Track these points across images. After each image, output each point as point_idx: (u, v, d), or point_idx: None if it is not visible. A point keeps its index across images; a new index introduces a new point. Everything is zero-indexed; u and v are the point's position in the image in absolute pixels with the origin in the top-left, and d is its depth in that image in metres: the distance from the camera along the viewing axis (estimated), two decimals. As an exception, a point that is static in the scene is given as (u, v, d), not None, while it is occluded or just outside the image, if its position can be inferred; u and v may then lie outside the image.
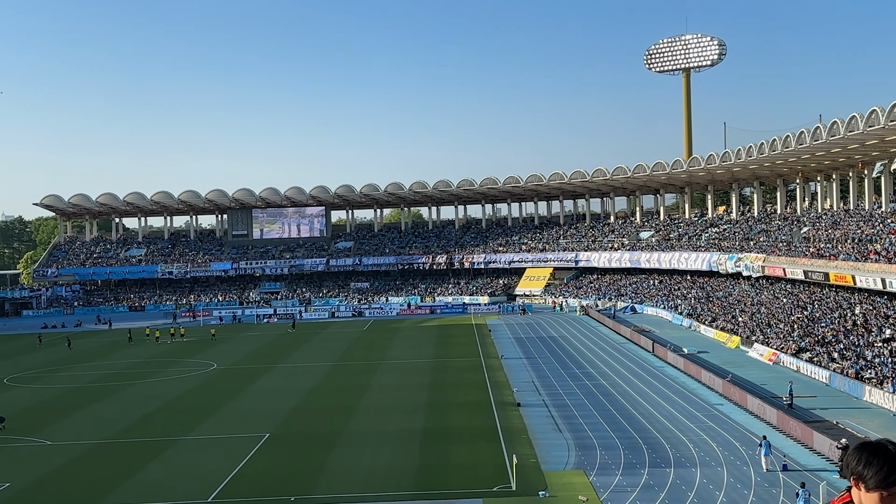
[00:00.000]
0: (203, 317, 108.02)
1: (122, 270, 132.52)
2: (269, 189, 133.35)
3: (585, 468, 34.09)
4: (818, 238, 77.59)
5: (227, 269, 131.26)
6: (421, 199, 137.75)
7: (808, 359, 54.10)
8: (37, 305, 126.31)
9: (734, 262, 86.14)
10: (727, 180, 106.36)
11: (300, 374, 61.50)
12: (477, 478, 33.28)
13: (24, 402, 54.03)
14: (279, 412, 47.51)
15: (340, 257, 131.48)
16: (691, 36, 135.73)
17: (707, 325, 75.81)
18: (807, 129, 73.06)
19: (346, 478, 33.97)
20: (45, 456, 39.63)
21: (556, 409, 46.00)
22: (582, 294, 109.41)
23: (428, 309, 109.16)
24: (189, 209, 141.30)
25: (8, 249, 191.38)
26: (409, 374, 59.68)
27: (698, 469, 33.46)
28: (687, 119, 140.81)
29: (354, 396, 51.54)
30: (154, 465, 37.17)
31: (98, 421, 47.12)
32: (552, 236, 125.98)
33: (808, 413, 42.15)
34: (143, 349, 79.01)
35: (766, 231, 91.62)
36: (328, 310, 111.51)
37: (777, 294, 75.72)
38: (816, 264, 69.50)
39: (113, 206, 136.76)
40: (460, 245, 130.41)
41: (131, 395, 55.55)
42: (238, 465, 36.45)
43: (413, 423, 43.50)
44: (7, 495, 33.27)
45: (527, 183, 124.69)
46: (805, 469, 32.90)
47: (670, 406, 45.87)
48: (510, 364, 62.38)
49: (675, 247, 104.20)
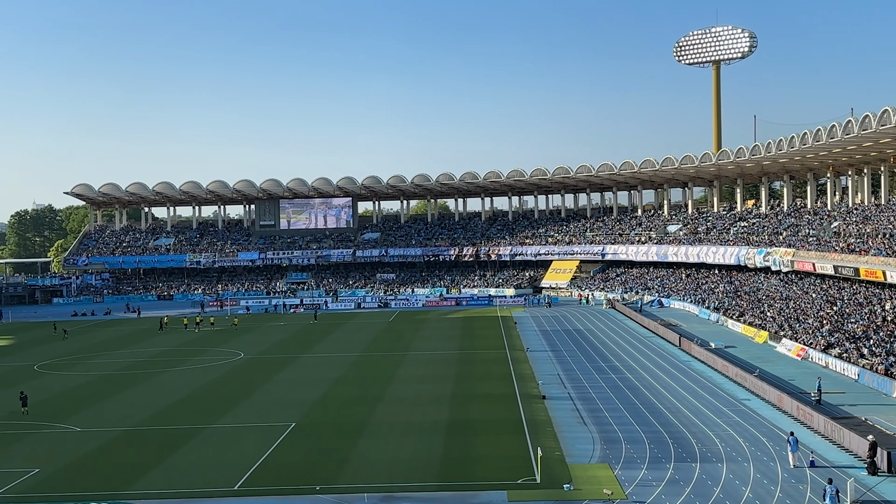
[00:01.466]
0: (230, 306, 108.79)
1: (151, 259, 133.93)
2: (296, 180, 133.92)
3: (610, 462, 34.00)
4: (848, 233, 76.76)
5: (254, 259, 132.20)
6: (447, 190, 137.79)
7: (838, 355, 53.56)
8: (67, 293, 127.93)
9: (763, 257, 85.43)
10: (756, 174, 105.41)
11: (326, 364, 61.77)
12: (501, 470, 33.28)
13: (53, 389, 54.71)
14: (305, 402, 47.77)
15: (367, 248, 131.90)
16: (722, 28, 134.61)
17: (735, 319, 75.26)
18: (838, 122, 72.22)
19: (371, 468, 34.09)
20: (74, 443, 40.10)
21: (581, 402, 45.91)
22: (608, 287, 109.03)
23: (454, 301, 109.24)
24: (217, 199, 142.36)
25: (39, 238, 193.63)
26: (434, 365, 59.77)
27: (724, 464, 33.26)
28: (716, 112, 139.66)
29: (380, 387, 51.71)
30: (181, 453, 37.51)
31: (126, 408, 47.61)
32: (579, 229, 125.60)
33: (836, 409, 41.79)
34: (172, 337, 79.70)
35: (795, 225, 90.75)
36: (354, 300, 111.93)
37: (806, 289, 75.00)
38: (847, 259, 68.77)
39: (142, 195, 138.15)
40: (486, 237, 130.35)
41: (159, 382, 56.09)
42: (264, 453, 36.70)
43: (438, 414, 43.56)
44: (36, 481, 33.72)
45: (554, 175, 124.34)
46: (833, 465, 32.60)
47: (696, 400, 45.62)
48: (535, 356, 62.30)
49: (703, 240, 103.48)
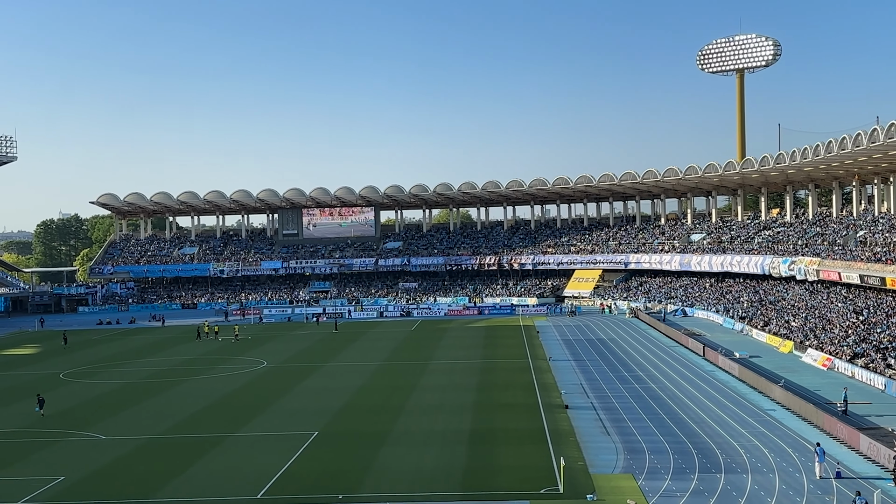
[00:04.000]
0: (254, 315, 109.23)
1: (176, 268, 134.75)
2: (319, 189, 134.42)
3: (634, 472, 33.84)
4: (874, 242, 76.07)
5: (277, 268, 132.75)
6: (470, 199, 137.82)
7: (864, 364, 53.04)
8: (92, 302, 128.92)
9: (788, 266, 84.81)
10: (781, 182, 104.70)
11: (349, 373, 61.87)
12: (524, 480, 33.20)
13: (79, 397, 55.16)
14: (328, 410, 47.88)
15: (389, 257, 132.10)
16: (746, 36, 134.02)
17: (759, 329, 74.71)
18: (863, 130, 71.65)
19: (394, 477, 34.12)
20: (99, 451, 40.39)
21: (604, 412, 45.72)
22: (631, 296, 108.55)
23: (476, 310, 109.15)
24: (241, 208, 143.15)
25: (65, 247, 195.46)
26: (456, 374, 59.73)
27: (749, 475, 33.01)
28: (740, 120, 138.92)
29: (402, 396, 51.74)
30: (205, 461, 37.69)
31: (151, 416, 47.91)
32: (601, 238, 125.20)
33: (863, 420, 41.37)
34: (196, 346, 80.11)
35: (821, 234, 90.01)
36: (377, 309, 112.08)
37: (832, 298, 74.36)
38: (873, 268, 68.15)
39: (167, 204, 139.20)
40: (509, 246, 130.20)
41: (183, 391, 56.39)
42: (287, 462, 36.82)
43: (460, 423, 43.53)
44: (61, 488, 33.99)
45: (576, 184, 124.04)
46: (859, 477, 32.28)
47: (721, 410, 45.31)
48: (558, 366, 62.11)
49: (726, 249, 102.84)
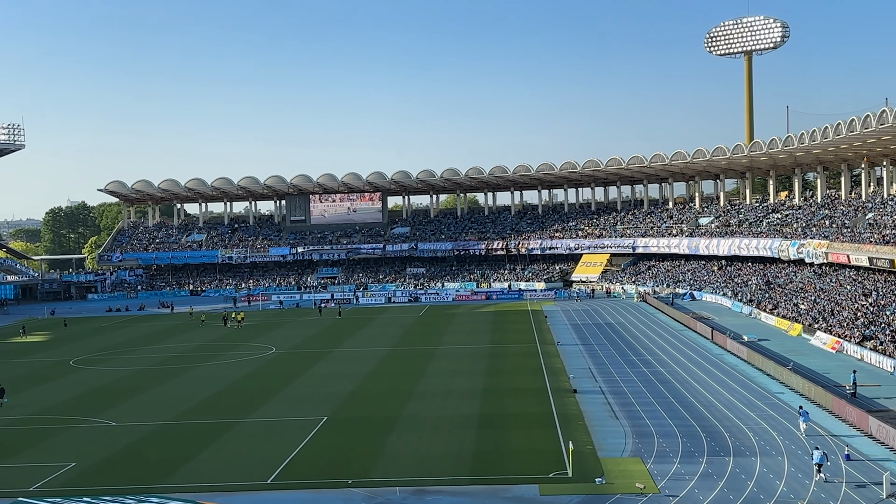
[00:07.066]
0: (262, 301, 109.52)
1: (184, 255, 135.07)
2: (326, 175, 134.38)
3: (642, 455, 33.89)
4: (884, 224, 75.78)
5: (285, 255, 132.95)
6: (477, 184, 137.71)
7: (873, 347, 52.95)
8: (101, 289, 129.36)
9: (796, 249, 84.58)
10: (790, 165, 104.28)
11: (358, 359, 62.01)
12: (533, 464, 33.28)
13: (89, 384, 55.40)
14: (337, 396, 48.03)
15: (397, 243, 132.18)
16: (754, 18, 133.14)
17: (768, 312, 74.59)
18: (872, 112, 71.31)
19: (403, 462, 34.23)
20: (109, 437, 40.58)
21: (612, 395, 45.77)
22: (639, 280, 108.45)
23: (484, 295, 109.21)
24: (248, 195, 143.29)
25: (73, 234, 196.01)
26: (465, 359, 59.82)
27: (758, 458, 33.02)
28: (748, 103, 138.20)
29: (411, 381, 51.85)
30: (215, 447, 37.86)
31: (161, 403, 48.12)
32: (609, 222, 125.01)
33: (872, 402, 41.33)
34: (205, 333, 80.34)
35: (829, 217, 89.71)
36: (385, 295, 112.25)
37: (841, 281, 74.15)
38: (882, 251, 67.91)
39: (174, 191, 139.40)
40: (516, 231, 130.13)
41: (193, 377, 56.62)
42: (297, 447, 36.97)
43: (469, 408, 43.62)
44: (73, 475, 34.17)
45: (584, 168, 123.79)
46: (868, 459, 32.28)
47: (729, 394, 45.32)
48: (566, 350, 62.17)
49: (735, 233, 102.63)
